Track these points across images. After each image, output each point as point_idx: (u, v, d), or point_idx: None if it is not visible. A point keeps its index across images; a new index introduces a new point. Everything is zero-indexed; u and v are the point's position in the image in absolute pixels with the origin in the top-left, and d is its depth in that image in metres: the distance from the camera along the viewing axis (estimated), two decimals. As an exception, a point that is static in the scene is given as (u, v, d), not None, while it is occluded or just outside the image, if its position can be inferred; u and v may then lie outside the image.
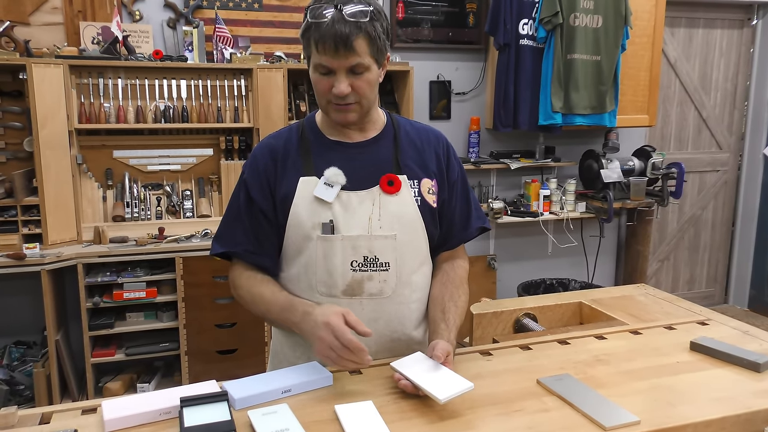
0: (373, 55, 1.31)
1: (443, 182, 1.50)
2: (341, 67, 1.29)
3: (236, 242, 1.44)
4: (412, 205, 1.43)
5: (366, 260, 1.39)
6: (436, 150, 1.51)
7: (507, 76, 3.67)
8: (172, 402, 1.16)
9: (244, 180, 1.44)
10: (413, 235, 1.43)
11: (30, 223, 2.94)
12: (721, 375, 1.37)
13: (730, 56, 4.66)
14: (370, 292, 1.40)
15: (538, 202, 3.91)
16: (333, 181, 1.38)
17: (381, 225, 1.39)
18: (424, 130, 1.54)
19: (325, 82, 1.32)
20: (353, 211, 1.39)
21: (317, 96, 1.39)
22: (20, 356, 3.11)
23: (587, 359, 1.45)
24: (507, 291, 4.15)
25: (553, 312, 2.03)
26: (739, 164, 4.88)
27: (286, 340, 1.49)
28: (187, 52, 3.25)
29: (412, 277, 1.45)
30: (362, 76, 1.32)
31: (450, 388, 1.18)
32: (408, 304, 1.45)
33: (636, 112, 3.97)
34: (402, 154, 1.46)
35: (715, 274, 5.01)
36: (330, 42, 1.25)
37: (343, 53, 1.27)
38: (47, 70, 2.85)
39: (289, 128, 1.50)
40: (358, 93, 1.34)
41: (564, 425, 1.14)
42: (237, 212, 1.45)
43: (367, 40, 1.28)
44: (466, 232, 1.55)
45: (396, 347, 1.45)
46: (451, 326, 1.39)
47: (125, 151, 3.25)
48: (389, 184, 1.41)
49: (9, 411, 1.15)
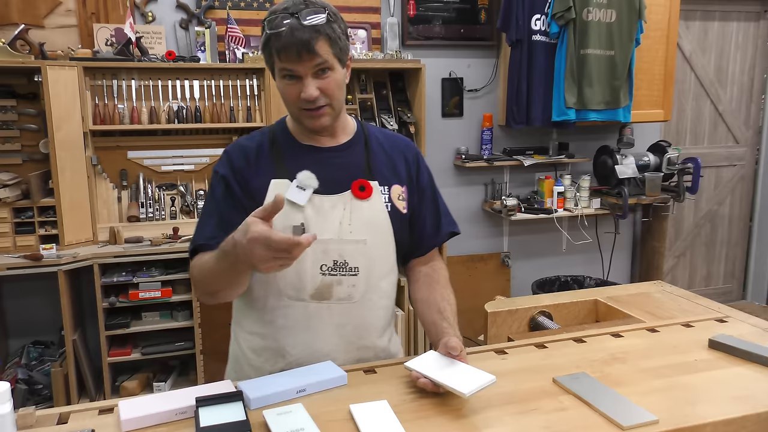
0: (335, 55, 1.32)
1: (413, 188, 1.51)
2: (306, 71, 1.30)
3: (210, 234, 1.37)
4: (383, 211, 1.43)
5: (336, 264, 1.38)
6: (405, 156, 1.52)
7: (520, 73, 3.64)
8: (187, 402, 1.17)
9: (222, 176, 1.41)
10: (383, 240, 1.44)
11: (46, 224, 2.97)
12: (741, 373, 1.35)
13: (746, 49, 4.59)
14: (338, 296, 1.39)
15: (552, 198, 3.88)
16: (306, 184, 1.37)
17: (351, 230, 1.39)
18: (394, 138, 1.56)
19: (292, 88, 1.33)
20: (325, 214, 1.38)
21: (287, 105, 1.39)
22: (38, 356, 3.14)
23: (604, 357, 1.44)
24: (521, 288, 4.13)
25: (568, 310, 2.01)
26: (756, 158, 4.81)
27: (249, 345, 1.46)
28: (199, 52, 3.26)
29: (381, 283, 1.45)
30: (328, 76, 1.32)
31: (473, 382, 1.18)
32: (375, 310, 1.45)
33: (651, 107, 3.93)
34: (373, 161, 1.46)
35: (733, 270, 4.95)
36: (292, 49, 1.27)
37: (306, 57, 1.28)
38: (62, 72, 2.87)
39: (261, 132, 1.50)
40: (327, 94, 1.34)
41: (581, 424, 1.13)
42: (212, 209, 1.41)
43: (327, 41, 1.29)
44: (437, 237, 1.56)
45: (364, 355, 1.44)
46: (453, 324, 1.40)
47: (139, 151, 3.27)
48: (361, 189, 1.41)
49: (27, 411, 1.16)
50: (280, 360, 1.41)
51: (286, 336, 1.41)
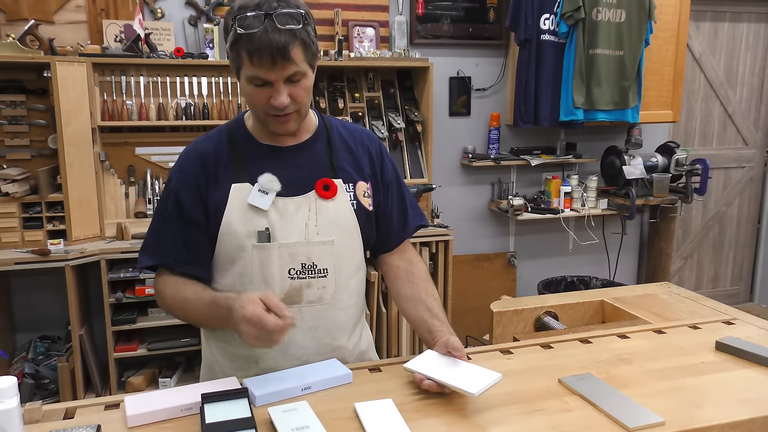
0: (308, 61, 1.28)
1: (377, 184, 1.48)
2: (279, 78, 1.24)
3: (166, 253, 1.38)
4: (349, 210, 1.41)
5: (304, 267, 1.35)
6: (369, 151, 1.49)
7: (528, 72, 3.63)
8: (193, 398, 1.17)
9: (172, 187, 1.38)
10: (350, 239, 1.42)
11: (54, 220, 2.98)
12: (748, 375, 1.34)
13: (756, 50, 4.57)
14: (309, 299, 1.37)
15: (558, 198, 3.87)
16: (268, 188, 1.34)
17: (318, 231, 1.36)
18: (356, 131, 1.52)
19: (262, 94, 1.27)
20: (289, 218, 1.35)
21: (252, 108, 1.34)
22: (45, 351, 3.16)
23: (610, 358, 1.43)
24: (527, 288, 4.12)
25: (574, 310, 2.01)
26: (765, 160, 4.78)
27: (221, 352, 1.45)
28: (207, 49, 3.27)
29: (350, 282, 1.43)
30: (299, 83, 1.28)
31: (479, 381, 1.18)
32: (346, 309, 1.43)
33: (660, 108, 3.91)
34: (336, 157, 1.43)
35: (740, 272, 4.93)
36: (266, 54, 1.20)
37: (281, 64, 1.22)
38: (71, 68, 2.88)
39: (218, 131, 1.44)
40: (297, 101, 1.30)
41: (586, 425, 1.13)
42: (165, 221, 1.39)
43: (302, 47, 1.24)
44: (405, 231, 1.54)
45: (338, 356, 1.42)
46: (445, 321, 1.38)
47: (147, 148, 3.27)
48: (325, 189, 1.38)
49: (34, 406, 1.17)
50: (253, 366, 1.39)
51: None
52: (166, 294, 1.38)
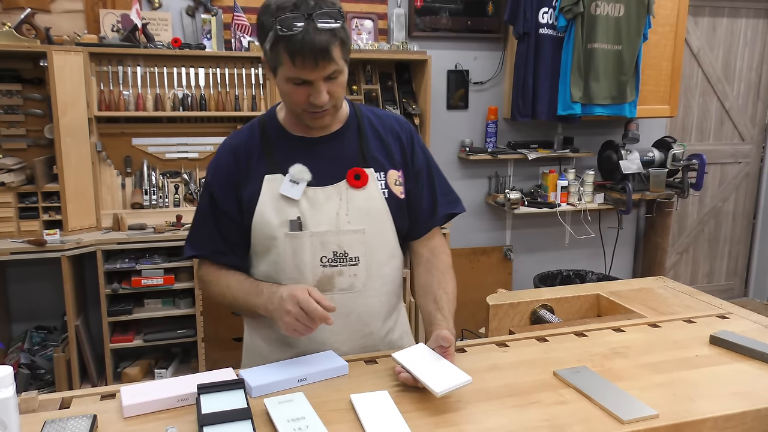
0: (345, 57, 1.30)
1: (408, 171, 1.49)
2: (319, 78, 1.27)
3: (204, 245, 1.45)
4: (380, 199, 1.42)
5: (335, 255, 1.38)
6: (400, 138, 1.50)
7: (526, 66, 3.63)
8: (189, 389, 1.18)
9: (208, 182, 1.44)
10: (381, 228, 1.43)
11: (50, 210, 2.98)
12: (742, 369, 1.35)
13: (754, 46, 4.57)
14: (340, 287, 1.40)
15: (555, 192, 3.87)
16: (298, 178, 1.37)
17: (349, 220, 1.39)
18: (387, 118, 1.53)
19: (301, 92, 1.29)
20: (320, 207, 1.38)
21: (289, 105, 1.36)
22: (41, 341, 3.16)
23: (605, 352, 1.44)
24: (523, 282, 4.13)
25: (570, 304, 2.01)
26: (761, 156, 4.79)
27: (259, 335, 1.50)
28: (205, 40, 3.25)
29: (382, 270, 1.45)
30: (337, 80, 1.30)
31: (448, 381, 1.18)
32: (378, 297, 1.45)
33: (657, 103, 3.91)
34: (367, 146, 1.45)
35: (736, 267, 4.95)
36: (309, 56, 1.22)
37: (323, 65, 1.24)
38: (67, 58, 2.87)
39: (250, 125, 1.48)
40: (334, 97, 1.32)
41: (581, 418, 1.13)
42: (204, 215, 1.45)
43: (341, 45, 1.26)
44: (433, 219, 1.54)
45: (368, 343, 1.45)
46: (447, 315, 1.38)
47: (144, 138, 3.27)
48: (356, 178, 1.40)
49: (30, 395, 1.17)
50: (288, 350, 1.43)
51: None
52: (209, 280, 1.45)
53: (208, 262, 1.46)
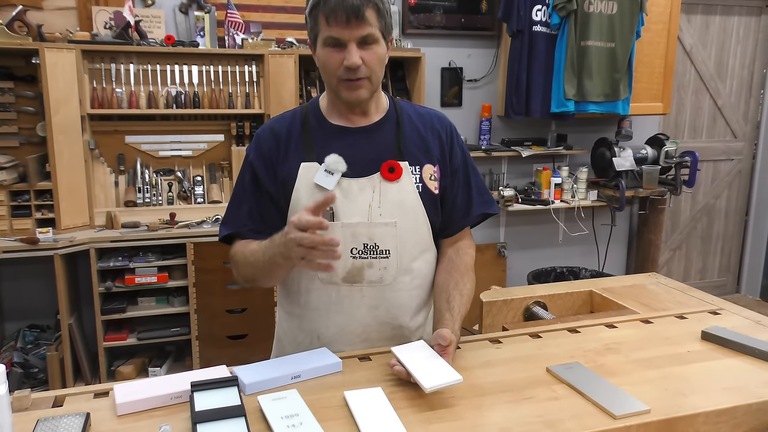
0: (381, 29, 1.31)
1: (446, 168, 1.49)
2: (352, 38, 1.29)
3: (242, 222, 1.44)
4: (413, 192, 1.42)
5: (366, 248, 1.38)
6: (439, 135, 1.50)
7: (520, 63, 3.64)
8: (183, 386, 1.17)
9: (250, 161, 1.44)
10: (414, 222, 1.43)
11: (43, 208, 2.97)
12: (733, 365, 1.36)
13: (747, 43, 4.59)
14: (370, 279, 1.40)
15: (549, 190, 3.89)
16: (333, 169, 1.37)
17: (381, 212, 1.39)
18: (428, 114, 1.53)
19: (335, 56, 1.31)
20: (353, 198, 1.38)
21: (326, 75, 1.37)
22: (34, 340, 3.15)
23: (597, 348, 1.45)
24: (517, 279, 4.14)
25: (563, 300, 2.02)
26: (753, 153, 4.82)
27: (289, 325, 1.50)
28: (198, 37, 3.24)
29: (413, 265, 1.44)
30: (372, 48, 1.31)
31: (438, 378, 1.17)
32: (408, 291, 1.45)
33: (650, 100, 3.92)
34: (404, 140, 1.45)
35: (728, 264, 4.97)
36: (341, 13, 1.26)
37: (355, 23, 1.27)
38: (60, 55, 2.86)
39: (293, 112, 1.49)
40: (369, 67, 1.32)
41: (573, 413, 1.14)
42: (242, 194, 1.45)
43: (376, 11, 1.29)
44: (467, 218, 1.54)
45: (397, 335, 1.45)
46: (455, 316, 1.38)
47: (137, 136, 3.26)
48: (390, 171, 1.40)
49: (23, 394, 1.17)
50: (316, 341, 1.44)
51: (320, 317, 1.43)
52: (237, 257, 1.42)
53: (239, 243, 1.43)
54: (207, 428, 1.04)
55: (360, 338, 1.43)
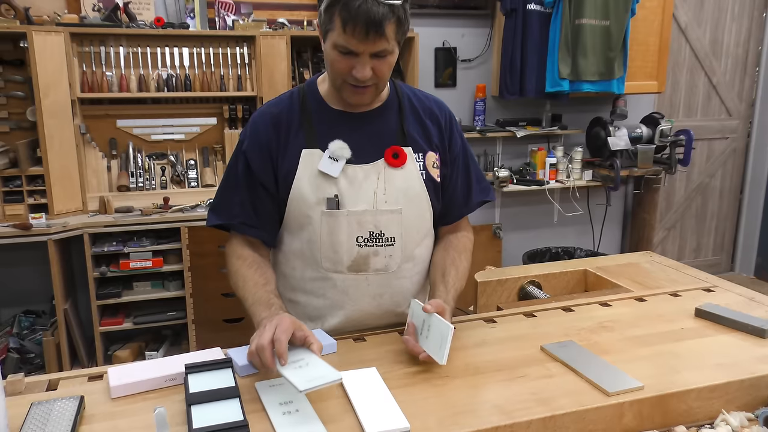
0: (398, 38, 1.27)
1: (445, 155, 1.48)
2: (366, 52, 1.23)
3: (233, 214, 1.40)
4: (418, 179, 1.41)
5: (372, 235, 1.37)
6: (439, 122, 1.48)
7: (514, 43, 3.61)
8: (177, 369, 1.17)
9: (244, 151, 1.39)
10: (418, 209, 1.42)
11: (35, 193, 2.95)
12: (726, 341, 1.37)
13: (742, 21, 4.56)
14: (375, 267, 1.39)
15: (544, 170, 3.88)
16: (338, 155, 1.35)
17: (386, 199, 1.37)
18: (427, 100, 1.51)
19: (345, 63, 1.26)
20: (358, 185, 1.36)
21: (331, 73, 1.32)
22: (30, 325, 3.15)
23: (591, 326, 1.45)
24: (512, 260, 4.15)
25: (558, 280, 2.03)
26: (748, 131, 4.81)
27: (293, 310, 1.48)
28: (189, 19, 3.20)
29: (415, 251, 1.44)
30: (385, 59, 1.27)
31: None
32: (410, 277, 1.45)
33: (645, 79, 3.90)
34: (407, 126, 1.43)
35: (722, 242, 4.99)
36: (361, 25, 1.18)
37: (373, 38, 1.20)
38: (48, 38, 2.82)
39: (290, 94, 1.44)
40: (377, 76, 1.29)
41: (567, 390, 1.14)
42: (235, 182, 1.41)
43: (396, 24, 1.23)
44: (466, 207, 1.54)
45: (401, 320, 1.45)
46: (449, 288, 1.38)
47: (129, 120, 3.23)
48: (394, 157, 1.38)
49: (16, 378, 1.17)
50: (318, 327, 1.43)
51: (324, 306, 1.42)
52: (232, 263, 1.39)
53: (237, 237, 1.41)
54: (201, 410, 1.04)
55: (362, 326, 1.43)
